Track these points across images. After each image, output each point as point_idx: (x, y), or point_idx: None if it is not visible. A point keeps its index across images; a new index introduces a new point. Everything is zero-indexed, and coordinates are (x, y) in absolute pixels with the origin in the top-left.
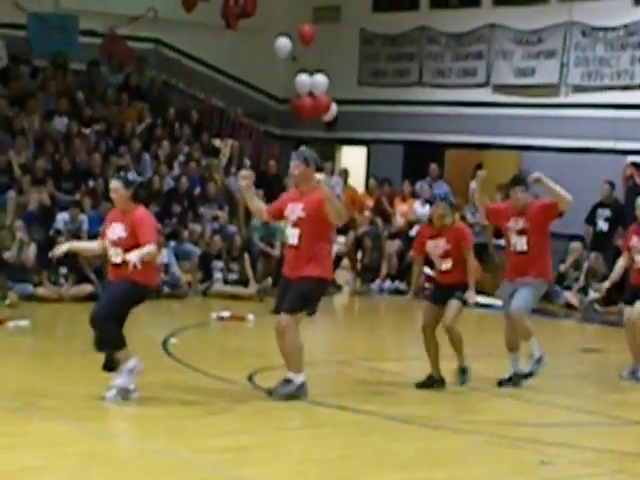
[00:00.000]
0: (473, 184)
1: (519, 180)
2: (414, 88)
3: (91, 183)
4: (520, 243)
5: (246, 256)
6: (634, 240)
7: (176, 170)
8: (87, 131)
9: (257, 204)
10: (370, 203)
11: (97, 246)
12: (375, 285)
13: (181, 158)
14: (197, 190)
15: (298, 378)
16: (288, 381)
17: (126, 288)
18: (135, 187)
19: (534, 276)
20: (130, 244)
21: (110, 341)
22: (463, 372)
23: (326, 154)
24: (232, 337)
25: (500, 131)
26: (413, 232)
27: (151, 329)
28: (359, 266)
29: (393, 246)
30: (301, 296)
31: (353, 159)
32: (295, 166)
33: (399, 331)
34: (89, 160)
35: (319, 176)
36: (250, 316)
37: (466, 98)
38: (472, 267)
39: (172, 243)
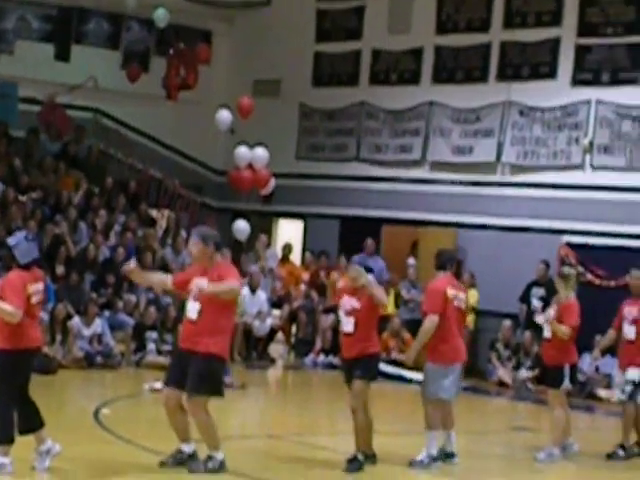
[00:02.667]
0: (410, 260)
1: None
2: (351, 163)
3: None
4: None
5: (180, 327)
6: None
7: (112, 240)
8: (24, 198)
9: (156, 279)
10: (306, 276)
11: None
12: (309, 359)
13: (117, 228)
14: (133, 261)
15: (219, 455)
16: (210, 457)
17: None
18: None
19: (428, 359)
20: None
21: None
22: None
23: (263, 227)
24: (164, 408)
25: (437, 208)
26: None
27: (83, 399)
28: (293, 339)
29: (327, 320)
30: (204, 376)
31: (289, 232)
32: (194, 244)
33: (332, 406)
34: (25, 227)
35: (200, 284)
36: None
37: (403, 174)
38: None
39: (106, 313)
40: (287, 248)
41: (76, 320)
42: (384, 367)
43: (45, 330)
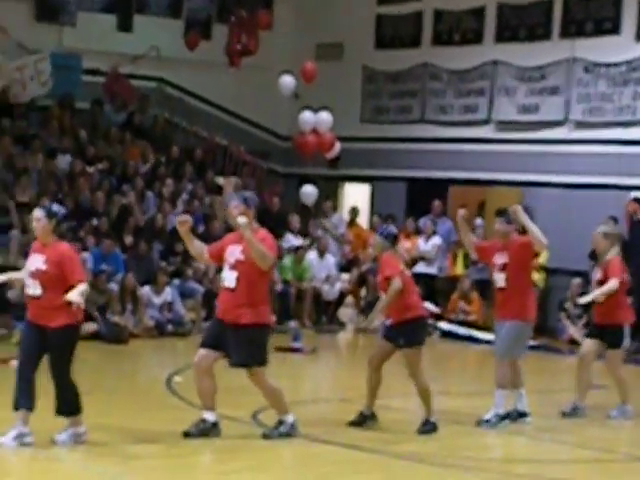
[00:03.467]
0: (478, 220)
1: (501, 212)
2: (417, 125)
3: (95, 221)
4: (500, 279)
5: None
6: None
7: (180, 208)
8: (91, 169)
9: (197, 247)
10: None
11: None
12: (378, 322)
13: (184, 196)
14: (201, 228)
15: (289, 418)
16: (280, 422)
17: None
18: (58, 219)
19: (512, 317)
20: (50, 278)
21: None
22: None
23: (329, 191)
24: (236, 374)
25: (503, 167)
26: (417, 269)
27: (155, 368)
28: (362, 303)
29: None
30: (250, 347)
31: (356, 196)
32: (235, 206)
33: (402, 367)
34: (93, 198)
35: (240, 219)
36: None
37: (468, 135)
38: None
39: (176, 281)
40: (354, 212)
41: (146, 289)
42: (454, 328)
43: (116, 300)
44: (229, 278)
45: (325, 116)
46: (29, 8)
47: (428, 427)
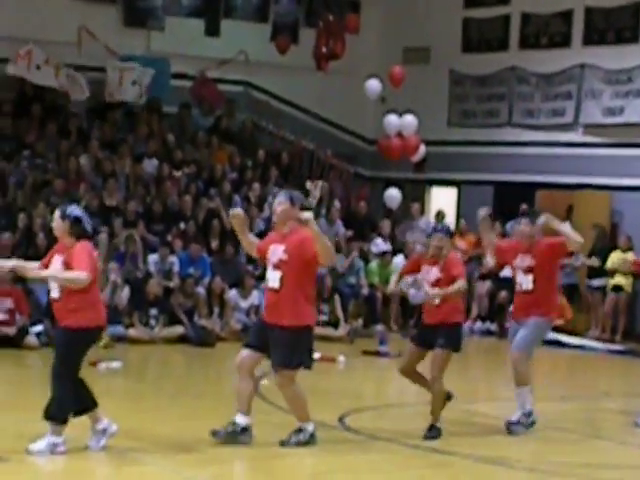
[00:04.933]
0: (567, 225)
1: (525, 213)
2: (504, 128)
3: (182, 225)
4: (526, 282)
5: (336, 297)
6: None
7: (266, 212)
8: (178, 173)
9: (250, 243)
10: (461, 244)
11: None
12: (465, 326)
13: (271, 200)
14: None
15: (309, 427)
16: (300, 430)
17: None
18: (71, 221)
19: (538, 315)
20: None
21: None
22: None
23: (416, 195)
24: (323, 378)
25: (591, 171)
26: (504, 273)
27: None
28: None
29: (484, 287)
30: (290, 349)
31: (443, 200)
32: (279, 203)
33: (490, 372)
34: (180, 202)
35: (306, 214)
36: (341, 357)
37: (556, 138)
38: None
39: (263, 285)
40: (440, 215)
41: (233, 293)
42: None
43: (203, 303)
44: (273, 278)
45: (410, 119)
46: (118, 13)
47: (433, 433)
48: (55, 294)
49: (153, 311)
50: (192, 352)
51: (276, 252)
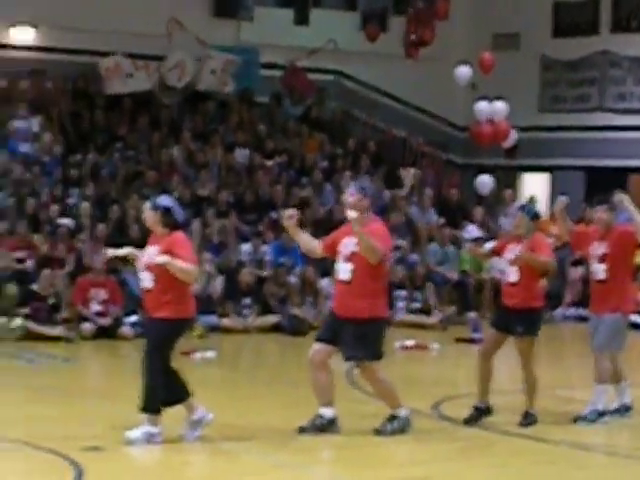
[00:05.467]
0: None
1: (603, 199)
2: (595, 113)
3: (273, 214)
4: (599, 270)
5: (429, 285)
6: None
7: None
8: (269, 163)
9: (307, 242)
10: (554, 230)
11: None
12: (559, 312)
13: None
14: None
15: (402, 413)
16: (393, 417)
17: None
18: (162, 212)
19: (611, 310)
20: (161, 271)
21: None
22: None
23: (508, 181)
24: (416, 366)
25: None
26: None
27: (334, 360)
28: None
29: (576, 273)
30: (362, 341)
31: (535, 186)
32: (350, 194)
33: (584, 358)
34: (271, 192)
35: (351, 213)
36: (434, 345)
37: None
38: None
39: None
40: (531, 201)
41: (326, 281)
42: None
43: (295, 292)
44: (344, 270)
45: (500, 105)
46: (207, 4)
47: (529, 419)
48: (148, 284)
49: (246, 300)
50: (285, 341)
51: (348, 244)
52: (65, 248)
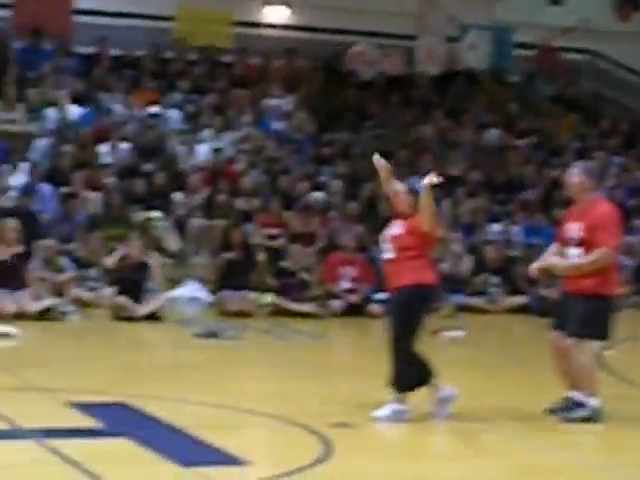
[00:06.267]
0: None
1: None
2: None
3: (524, 195)
4: None
5: None
6: None
7: (610, 181)
8: (520, 143)
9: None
10: None
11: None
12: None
13: (613, 169)
14: (630, 201)
15: (591, 402)
16: (581, 404)
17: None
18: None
19: None
20: (403, 243)
21: None
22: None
23: None
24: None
25: None
26: None
27: None
28: None
29: None
30: (585, 319)
31: None
32: (574, 175)
33: None
34: (522, 172)
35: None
36: None
37: None
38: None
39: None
40: None
41: None
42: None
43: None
44: (572, 256)
45: None
46: None
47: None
48: (390, 254)
49: (494, 280)
50: (533, 322)
51: (571, 230)
52: (317, 223)
